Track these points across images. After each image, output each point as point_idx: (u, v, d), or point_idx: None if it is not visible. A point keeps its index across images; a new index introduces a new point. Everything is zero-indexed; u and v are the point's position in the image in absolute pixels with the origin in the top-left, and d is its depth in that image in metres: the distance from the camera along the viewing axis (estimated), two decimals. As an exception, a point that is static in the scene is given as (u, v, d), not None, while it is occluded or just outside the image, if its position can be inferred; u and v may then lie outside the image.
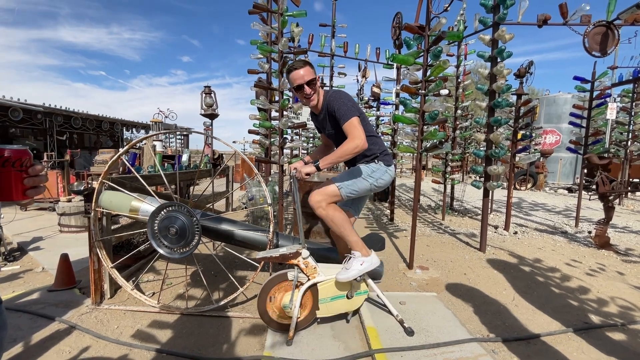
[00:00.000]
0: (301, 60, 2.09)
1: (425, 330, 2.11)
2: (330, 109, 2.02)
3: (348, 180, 2.07)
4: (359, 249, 2.06)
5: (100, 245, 2.47)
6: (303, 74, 2.00)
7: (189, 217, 2.22)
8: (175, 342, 2.08)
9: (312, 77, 2.03)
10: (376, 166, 2.09)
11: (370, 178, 2.08)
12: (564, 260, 3.54)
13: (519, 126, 4.45)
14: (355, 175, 2.07)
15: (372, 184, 2.12)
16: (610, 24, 3.38)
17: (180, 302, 2.58)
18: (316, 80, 2.07)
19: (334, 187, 2.04)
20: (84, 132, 13.43)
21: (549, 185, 10.89)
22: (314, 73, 2.06)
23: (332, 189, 2.04)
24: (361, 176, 2.07)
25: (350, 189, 2.06)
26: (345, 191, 2.06)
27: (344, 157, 1.93)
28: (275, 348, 1.96)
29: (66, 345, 2.03)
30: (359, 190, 2.09)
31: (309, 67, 2.03)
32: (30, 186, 0.72)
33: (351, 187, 2.06)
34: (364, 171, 2.08)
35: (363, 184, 2.08)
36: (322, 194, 2.03)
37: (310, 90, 2.03)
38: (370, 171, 2.09)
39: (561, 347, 2.02)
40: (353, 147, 1.88)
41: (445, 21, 2.68)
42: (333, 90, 2.10)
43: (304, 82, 2.00)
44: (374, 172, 2.09)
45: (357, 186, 2.07)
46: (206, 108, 4.06)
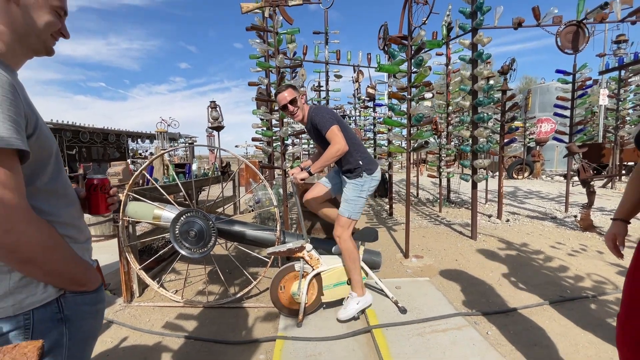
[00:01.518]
0: (285, 84, 2.43)
1: (417, 308, 2.42)
2: (313, 123, 2.35)
3: (350, 206, 2.38)
4: (357, 290, 2.37)
5: (129, 250, 2.80)
6: (286, 96, 2.36)
7: (205, 221, 2.53)
8: (199, 330, 2.40)
9: (293, 97, 2.37)
10: (362, 180, 2.39)
11: (363, 192, 2.40)
12: (550, 243, 3.83)
13: (505, 120, 4.73)
14: (352, 199, 2.38)
15: (366, 194, 2.44)
16: (580, 22, 3.65)
17: (201, 296, 2.91)
18: (298, 98, 2.40)
19: (345, 219, 2.35)
20: (91, 145, 13.86)
21: (546, 172, 11.11)
22: (296, 93, 2.39)
23: (344, 221, 2.35)
24: (356, 196, 2.38)
25: (355, 211, 2.38)
26: (354, 215, 2.38)
27: (329, 160, 2.24)
28: (287, 330, 2.28)
29: (107, 337, 2.36)
30: (361, 206, 2.42)
31: (291, 89, 2.38)
32: (111, 203, 1.04)
33: (355, 209, 2.38)
34: (355, 191, 2.38)
35: (361, 201, 2.41)
36: (340, 227, 2.34)
37: (293, 108, 2.38)
38: (360, 187, 2.39)
39: (535, 317, 2.32)
40: (335, 151, 2.20)
41: (424, 33, 2.97)
42: (314, 107, 2.42)
43: (286, 102, 2.36)
44: (363, 185, 2.39)
45: (358, 205, 2.40)
46: (212, 121, 4.40)
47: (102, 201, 1.01)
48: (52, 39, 0.83)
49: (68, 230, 0.82)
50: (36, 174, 0.76)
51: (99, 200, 1.01)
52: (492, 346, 1.95)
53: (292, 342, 2.12)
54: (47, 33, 0.80)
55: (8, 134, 0.63)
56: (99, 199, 1.01)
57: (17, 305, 0.71)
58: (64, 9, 0.83)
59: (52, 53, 0.85)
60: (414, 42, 3.09)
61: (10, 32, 0.74)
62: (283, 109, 2.42)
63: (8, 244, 0.65)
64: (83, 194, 0.99)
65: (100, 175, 1.04)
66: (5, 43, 0.74)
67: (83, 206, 0.98)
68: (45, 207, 0.77)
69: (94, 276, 0.87)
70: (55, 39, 0.84)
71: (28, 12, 0.75)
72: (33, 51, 0.81)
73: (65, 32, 0.85)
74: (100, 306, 0.91)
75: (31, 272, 0.72)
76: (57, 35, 0.84)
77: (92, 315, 0.88)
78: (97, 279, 0.89)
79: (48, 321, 0.76)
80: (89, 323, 0.87)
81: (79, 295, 0.83)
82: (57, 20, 0.81)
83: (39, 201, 0.75)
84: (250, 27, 3.61)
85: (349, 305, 2.35)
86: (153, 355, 2.14)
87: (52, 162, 0.81)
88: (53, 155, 0.81)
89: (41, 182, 0.77)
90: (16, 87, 0.69)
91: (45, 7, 0.78)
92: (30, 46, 0.79)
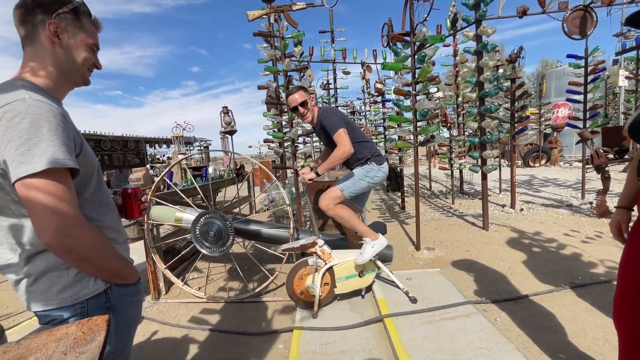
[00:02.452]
0: (296, 86, 2.54)
1: (428, 298, 2.51)
2: (322, 124, 2.46)
3: (348, 182, 2.49)
4: (368, 235, 2.49)
5: (154, 251, 3.01)
6: (297, 98, 2.47)
7: (223, 221, 2.70)
8: (223, 323, 2.57)
9: (304, 99, 2.47)
10: (369, 167, 2.49)
11: (367, 177, 2.50)
12: (563, 231, 3.81)
13: (515, 109, 4.70)
14: (354, 178, 2.49)
15: (369, 182, 2.53)
16: (587, 7, 3.59)
17: (223, 292, 3.09)
18: (308, 100, 2.50)
19: (337, 191, 2.47)
20: (112, 152, 14.44)
21: (564, 159, 10.83)
22: (306, 95, 2.49)
23: (335, 193, 2.47)
24: (358, 178, 2.49)
25: (351, 190, 2.49)
26: (347, 192, 2.48)
27: (336, 162, 2.36)
28: (304, 321, 2.42)
29: (139, 331, 2.56)
30: (359, 189, 2.51)
31: (302, 92, 2.48)
32: (143, 209, 1.19)
33: (351, 188, 2.48)
34: (360, 173, 2.49)
35: (361, 184, 2.50)
36: (328, 198, 2.46)
37: (304, 110, 2.48)
38: (365, 172, 2.50)
39: (545, 303, 2.37)
40: (341, 153, 2.32)
41: (426, 29, 3.02)
42: (323, 109, 2.53)
43: (297, 104, 2.47)
44: (368, 172, 2.50)
45: (357, 186, 2.49)
46: (225, 126, 4.60)
47: (135, 207, 1.17)
48: (89, 71, 0.98)
49: (110, 233, 0.98)
50: (84, 187, 0.91)
51: (134, 206, 1.16)
52: (500, 331, 2.02)
53: (309, 331, 2.26)
54: (84, 67, 0.95)
55: (63, 156, 0.78)
56: (133, 206, 1.16)
57: (74, 295, 0.87)
58: (97, 45, 0.98)
59: (88, 83, 1.00)
60: (417, 39, 3.14)
61: (57, 71, 0.89)
62: (294, 111, 2.53)
63: (68, 245, 0.80)
64: (120, 201, 1.14)
65: (133, 185, 1.20)
66: (53, 80, 0.89)
67: (120, 212, 1.14)
68: (92, 214, 0.92)
69: (133, 271, 1.02)
70: (91, 71, 0.99)
71: (70, 52, 0.90)
72: (74, 83, 0.96)
73: (98, 64, 1.00)
74: (139, 297, 1.07)
75: (84, 268, 0.87)
76: (92, 68, 0.99)
77: (133, 305, 1.03)
78: (136, 273, 1.04)
79: (99, 309, 0.92)
80: (131, 311, 1.02)
81: (122, 288, 0.98)
82: (92, 56, 0.96)
83: (86, 209, 0.90)
84: (257, 33, 3.75)
85: (365, 249, 2.46)
86: (182, 346, 2.32)
87: (95, 176, 0.96)
88: (95, 170, 0.97)
89: (88, 193, 0.92)
90: (65, 115, 0.84)
91: (82, 46, 0.93)
92: (72, 79, 0.95)
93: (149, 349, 2.32)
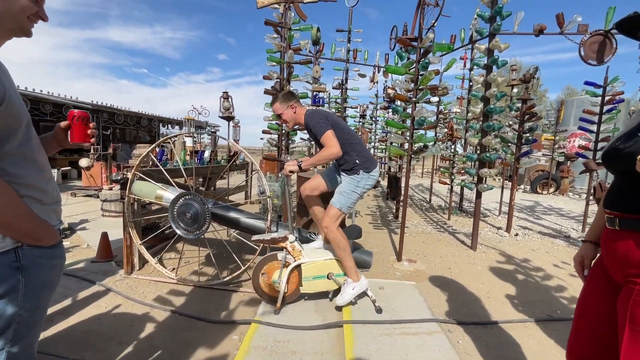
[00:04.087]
0: (280, 94, 2.60)
1: (394, 310, 2.43)
2: (309, 127, 2.46)
3: (342, 199, 2.44)
4: (352, 276, 2.44)
5: (132, 226, 3.01)
6: (275, 108, 2.57)
7: (201, 204, 2.68)
8: (187, 307, 2.55)
9: (280, 112, 2.53)
10: (359, 176, 2.43)
11: (358, 188, 2.45)
12: (554, 261, 3.67)
13: (523, 130, 4.55)
14: (346, 192, 2.44)
15: (361, 190, 2.48)
16: (608, 33, 3.44)
17: (194, 276, 3.07)
18: (288, 109, 2.52)
19: (335, 210, 2.42)
20: (125, 127, 14.67)
21: (575, 190, 10.50)
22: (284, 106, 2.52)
23: (334, 212, 2.42)
24: (351, 191, 2.43)
25: (347, 204, 2.44)
26: (345, 208, 2.44)
27: (322, 161, 2.34)
28: (264, 315, 2.37)
29: (103, 302, 2.56)
30: (354, 200, 2.48)
31: (277, 104, 2.54)
32: (91, 135, 1.17)
33: (347, 202, 2.44)
34: (350, 185, 2.44)
35: (354, 196, 2.46)
36: (329, 218, 2.41)
37: (283, 120, 2.58)
38: (355, 182, 2.44)
39: (514, 332, 2.26)
40: (329, 154, 2.29)
41: (432, 36, 2.93)
42: (309, 112, 2.52)
43: (277, 113, 2.57)
44: (358, 182, 2.44)
45: (351, 199, 2.45)
46: (224, 111, 4.59)
47: (82, 130, 1.15)
48: (30, 21, 0.94)
49: (33, 192, 0.94)
50: (5, 139, 0.88)
51: (80, 129, 1.15)
52: (458, 354, 1.94)
53: (265, 327, 2.21)
54: (23, 16, 0.91)
55: None
56: (80, 129, 1.15)
57: None
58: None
59: (29, 35, 0.96)
60: (422, 45, 3.06)
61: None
62: (278, 117, 2.61)
63: None
64: (65, 124, 1.12)
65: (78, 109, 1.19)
66: None
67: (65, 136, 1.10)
68: (11, 168, 0.89)
69: (51, 234, 0.98)
70: (33, 21, 0.95)
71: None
72: (11, 31, 0.92)
73: (43, 15, 0.96)
74: (56, 262, 1.03)
75: None
76: (34, 18, 0.95)
77: (49, 268, 1.00)
78: (55, 237, 1.00)
79: (6, 267, 0.89)
80: (46, 274, 0.99)
81: (36, 249, 0.95)
82: (33, 5, 0.92)
83: (6, 164, 0.87)
84: (266, 22, 3.72)
85: (345, 291, 2.41)
86: (139, 323, 2.30)
87: (22, 130, 0.92)
88: (24, 124, 0.93)
89: (10, 146, 0.89)
90: None
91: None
92: (6, 27, 0.91)
93: (107, 322, 2.31)
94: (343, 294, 2.40)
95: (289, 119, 2.54)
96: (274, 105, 2.56)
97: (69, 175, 10.61)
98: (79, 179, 9.86)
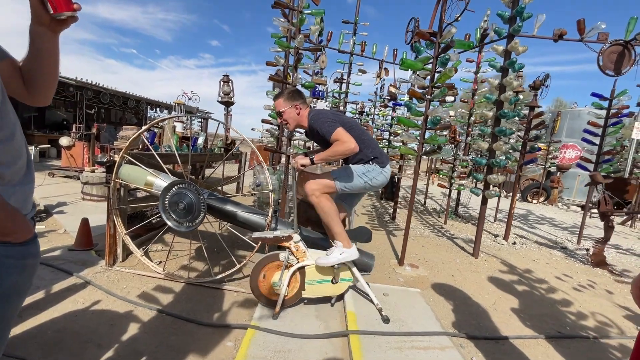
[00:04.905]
0: (283, 91, 2.38)
1: (402, 320, 2.27)
2: (314, 129, 2.23)
3: (344, 175, 2.23)
4: (341, 240, 2.25)
5: (117, 213, 2.74)
6: (277, 105, 2.34)
7: (196, 195, 2.44)
8: (174, 306, 2.32)
9: (282, 109, 2.31)
10: (371, 167, 2.24)
11: (365, 177, 2.24)
12: (555, 274, 3.60)
13: (528, 138, 4.47)
14: (351, 173, 2.24)
15: (367, 182, 2.27)
16: (628, 43, 3.36)
17: (184, 272, 2.83)
18: (289, 110, 2.30)
19: (330, 179, 2.22)
20: (111, 107, 14.02)
21: (563, 200, 10.67)
22: (287, 104, 2.30)
23: (328, 181, 2.22)
24: (357, 174, 2.23)
25: (345, 184, 2.23)
26: (340, 185, 2.22)
27: (336, 155, 2.10)
28: (262, 320, 2.17)
29: (80, 297, 2.30)
30: (353, 186, 2.25)
31: (281, 100, 2.31)
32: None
33: (346, 182, 2.23)
34: (359, 170, 2.24)
35: (358, 182, 2.24)
36: (318, 184, 2.21)
37: (283, 119, 2.36)
38: (365, 170, 2.24)
39: (528, 350, 2.14)
40: (345, 149, 2.05)
41: (455, 30, 2.76)
42: (313, 113, 2.29)
43: (278, 110, 2.34)
44: (368, 171, 2.24)
45: (352, 183, 2.23)
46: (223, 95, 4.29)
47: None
48: None
49: None
50: None
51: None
52: (475, 374, 1.79)
53: (264, 333, 2.01)
54: None
55: None
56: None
57: None
58: None
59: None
60: (443, 40, 2.88)
61: None
62: (278, 115, 2.39)
63: None
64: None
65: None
66: None
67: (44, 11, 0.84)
68: None
69: (23, 226, 0.76)
70: None
71: None
72: None
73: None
74: (28, 262, 0.80)
75: None
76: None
77: (17, 270, 0.77)
78: (29, 229, 0.77)
79: None
80: (13, 277, 0.76)
81: (0, 246, 0.72)
82: None
83: None
84: (275, 4, 3.47)
85: (332, 253, 2.23)
86: (121, 323, 2.06)
87: None
88: None
89: None
90: None
91: None
92: None
93: (84, 320, 2.06)
94: (329, 256, 2.21)
95: (290, 119, 2.33)
96: (277, 100, 2.33)
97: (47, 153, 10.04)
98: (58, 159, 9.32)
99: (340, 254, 2.20)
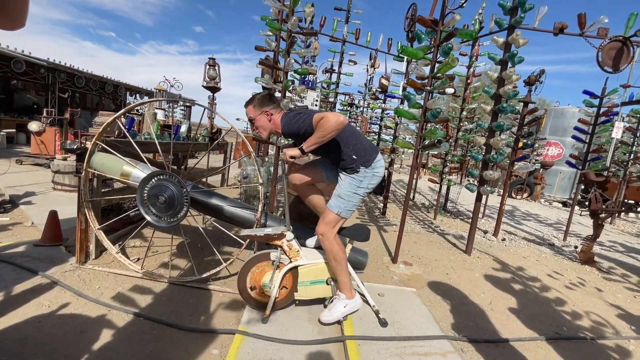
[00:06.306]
0: (255, 96, 2.17)
1: (399, 323, 2.15)
2: (292, 132, 2.05)
3: (342, 202, 2.05)
4: (345, 292, 2.10)
5: (89, 206, 2.48)
6: (247, 111, 2.17)
7: (179, 187, 2.22)
8: (154, 308, 2.11)
9: (252, 117, 2.14)
10: (360, 175, 2.04)
11: (360, 189, 2.06)
12: (546, 271, 3.59)
13: (521, 134, 4.42)
14: (347, 194, 2.05)
15: (365, 191, 2.09)
16: (627, 40, 3.32)
17: (164, 270, 2.61)
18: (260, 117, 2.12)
19: (333, 215, 2.03)
20: (86, 92, 13.27)
21: (544, 197, 10.92)
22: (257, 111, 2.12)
23: (332, 217, 2.04)
24: (352, 192, 2.05)
25: (348, 207, 2.06)
26: (345, 212, 2.05)
27: (325, 134, 1.84)
28: (250, 324, 2.00)
29: (46, 300, 2.06)
30: (355, 203, 2.08)
31: (250, 107, 2.13)
32: None
33: (347, 205, 2.05)
34: (351, 186, 2.05)
35: (356, 198, 2.07)
36: (326, 225, 2.03)
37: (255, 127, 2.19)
38: (357, 183, 2.05)
39: (528, 353, 2.07)
40: (333, 122, 1.80)
41: (459, 17, 2.62)
42: (284, 120, 2.08)
43: (249, 117, 2.18)
44: (361, 182, 2.05)
45: (352, 201, 2.06)
46: (209, 80, 3.99)
47: None
48: None
49: None
50: None
51: None
52: (480, 382, 1.69)
53: (253, 340, 1.85)
54: None
55: None
56: None
57: None
58: None
59: None
60: (445, 27, 2.73)
61: None
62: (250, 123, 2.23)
63: None
64: None
65: None
66: None
67: None
68: None
69: None
70: None
71: None
72: None
73: None
74: None
75: None
76: None
77: None
78: None
79: None
80: None
81: None
82: None
83: None
84: (266, -17, 3.22)
85: (335, 307, 2.07)
86: (92, 329, 1.85)
87: None
88: None
89: None
90: None
91: None
92: None
93: (50, 326, 1.83)
94: (331, 310, 2.06)
95: (262, 127, 2.14)
96: (247, 107, 2.15)
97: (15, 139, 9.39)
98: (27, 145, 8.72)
99: (343, 306, 2.07)
